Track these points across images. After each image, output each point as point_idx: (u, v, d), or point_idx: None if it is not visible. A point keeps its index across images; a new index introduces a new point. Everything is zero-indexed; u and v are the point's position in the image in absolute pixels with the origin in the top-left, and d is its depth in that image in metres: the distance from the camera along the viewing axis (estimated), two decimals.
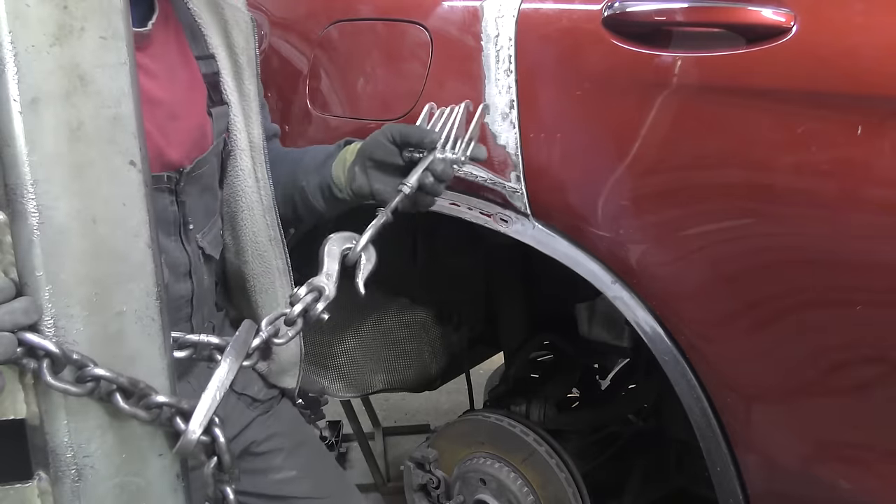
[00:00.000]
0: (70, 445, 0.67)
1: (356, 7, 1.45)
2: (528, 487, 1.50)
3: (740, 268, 1.03)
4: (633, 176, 1.10)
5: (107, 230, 0.65)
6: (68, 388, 0.64)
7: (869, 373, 1.00)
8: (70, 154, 0.63)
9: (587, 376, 1.94)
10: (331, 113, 1.45)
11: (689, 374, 1.11)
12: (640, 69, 1.06)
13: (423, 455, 1.62)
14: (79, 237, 0.64)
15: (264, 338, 0.80)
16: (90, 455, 0.67)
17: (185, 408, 0.70)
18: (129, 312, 0.67)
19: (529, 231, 1.21)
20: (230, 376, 0.73)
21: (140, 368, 0.68)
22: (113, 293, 0.66)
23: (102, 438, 0.68)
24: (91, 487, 0.68)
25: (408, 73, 1.33)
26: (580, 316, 1.59)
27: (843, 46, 0.92)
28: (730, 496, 1.12)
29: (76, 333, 0.65)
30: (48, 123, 0.62)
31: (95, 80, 0.63)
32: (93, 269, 0.65)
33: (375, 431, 2.78)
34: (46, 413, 0.66)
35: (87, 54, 0.63)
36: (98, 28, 0.63)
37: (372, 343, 1.85)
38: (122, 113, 0.65)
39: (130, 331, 0.67)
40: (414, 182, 1.01)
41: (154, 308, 0.69)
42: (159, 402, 0.68)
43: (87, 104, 0.63)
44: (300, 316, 0.84)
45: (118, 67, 0.65)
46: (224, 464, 0.73)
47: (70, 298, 0.64)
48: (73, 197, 0.63)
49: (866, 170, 0.91)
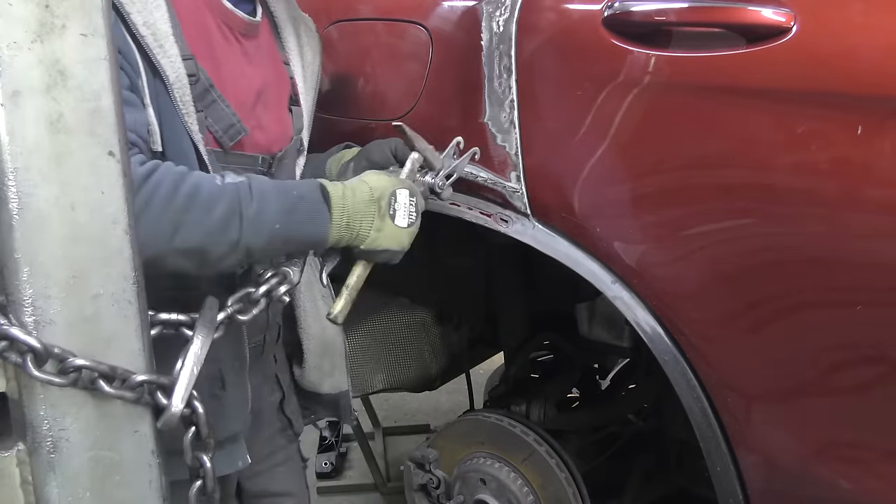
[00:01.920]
0: (46, 419, 0.70)
1: (356, 7, 1.45)
2: (528, 487, 1.50)
3: (740, 268, 1.03)
4: (633, 176, 1.10)
5: (85, 216, 0.68)
6: (52, 379, 0.68)
7: (869, 373, 1.00)
8: (50, 144, 0.66)
9: (587, 376, 1.94)
10: (331, 113, 1.46)
11: (689, 374, 1.11)
12: (640, 69, 1.06)
13: (423, 455, 1.62)
14: (58, 222, 0.67)
15: (229, 312, 0.89)
16: (66, 429, 0.71)
17: (165, 383, 0.75)
18: (106, 295, 0.70)
19: (529, 231, 1.21)
20: (204, 351, 0.79)
21: (117, 350, 0.72)
22: (90, 276, 0.69)
23: (78, 414, 0.71)
24: (66, 460, 0.71)
25: (408, 73, 1.33)
26: (580, 316, 1.59)
27: (842, 46, 0.92)
28: (730, 496, 1.12)
29: (53, 314, 0.68)
30: (29, 115, 0.65)
31: (76, 75, 0.67)
32: (71, 253, 0.68)
33: (375, 431, 2.79)
34: (24, 388, 0.69)
35: (68, 50, 0.66)
36: (79, 25, 0.66)
37: (372, 343, 1.85)
38: (101, 106, 0.68)
39: (107, 313, 0.71)
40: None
41: (131, 291, 0.72)
42: (140, 380, 0.72)
43: (67, 98, 0.66)
44: (264, 296, 0.93)
45: (98, 63, 0.68)
46: (202, 434, 0.78)
47: (48, 280, 0.67)
48: (52, 184, 0.67)
49: (866, 170, 0.91)
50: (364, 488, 2.59)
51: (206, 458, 0.79)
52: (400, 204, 1.02)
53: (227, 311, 0.89)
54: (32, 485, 0.71)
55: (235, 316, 0.90)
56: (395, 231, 1.01)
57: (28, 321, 0.67)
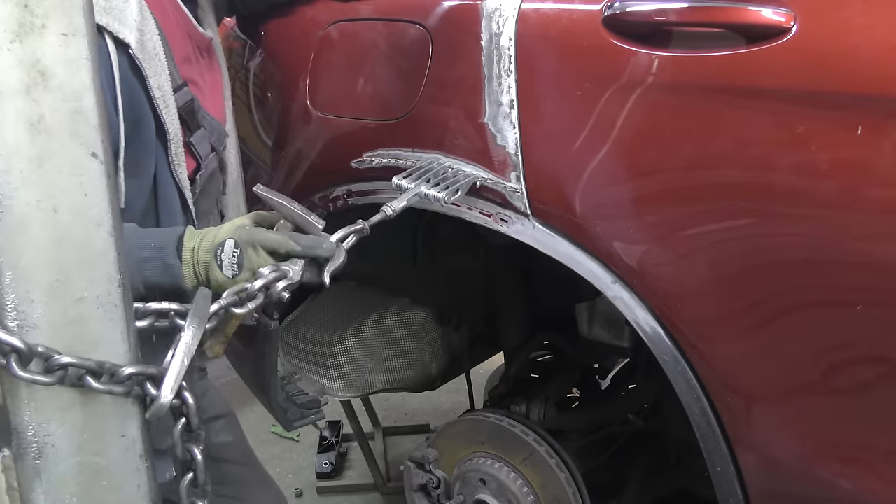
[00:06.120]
0: (31, 424, 0.69)
1: (356, 7, 1.45)
2: (528, 487, 1.50)
3: (741, 268, 1.03)
4: (633, 176, 1.10)
5: (68, 219, 0.67)
6: (37, 378, 0.67)
7: (869, 373, 1.00)
8: (31, 146, 0.65)
9: (587, 376, 1.95)
10: (331, 113, 1.46)
11: (689, 374, 1.11)
12: (640, 69, 1.06)
13: (423, 455, 1.62)
14: (40, 225, 0.66)
15: (223, 304, 0.87)
16: (51, 434, 0.70)
17: (155, 373, 0.73)
18: (91, 298, 0.69)
19: (529, 231, 1.21)
20: (195, 341, 0.77)
21: (103, 353, 0.71)
22: (74, 279, 0.68)
23: (63, 419, 0.70)
24: (52, 465, 0.70)
25: (407, 73, 1.33)
26: (580, 316, 1.59)
27: (843, 46, 0.92)
28: (730, 496, 1.12)
29: (37, 318, 0.67)
30: (8, 117, 0.64)
31: (56, 76, 0.65)
32: (55, 257, 0.67)
33: (375, 431, 2.79)
34: (9, 392, 0.68)
35: (48, 50, 0.65)
36: (59, 25, 0.65)
37: (372, 343, 1.86)
38: (83, 107, 0.67)
39: (92, 316, 0.70)
40: (398, 207, 1.11)
41: (116, 294, 0.71)
42: (129, 372, 0.71)
43: (47, 98, 0.65)
44: (260, 291, 0.92)
45: (79, 63, 0.67)
46: (192, 425, 0.76)
47: (30, 284, 0.66)
48: (34, 187, 0.65)
49: (866, 170, 0.91)
50: (364, 488, 2.59)
51: (197, 450, 0.78)
52: (226, 254, 1.00)
53: (220, 302, 0.87)
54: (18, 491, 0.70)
55: (230, 308, 0.89)
56: (224, 281, 1.00)
57: (11, 325, 0.66)
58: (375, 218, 1.09)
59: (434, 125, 1.28)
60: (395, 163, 1.33)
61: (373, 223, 1.07)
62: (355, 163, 1.40)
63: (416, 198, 1.15)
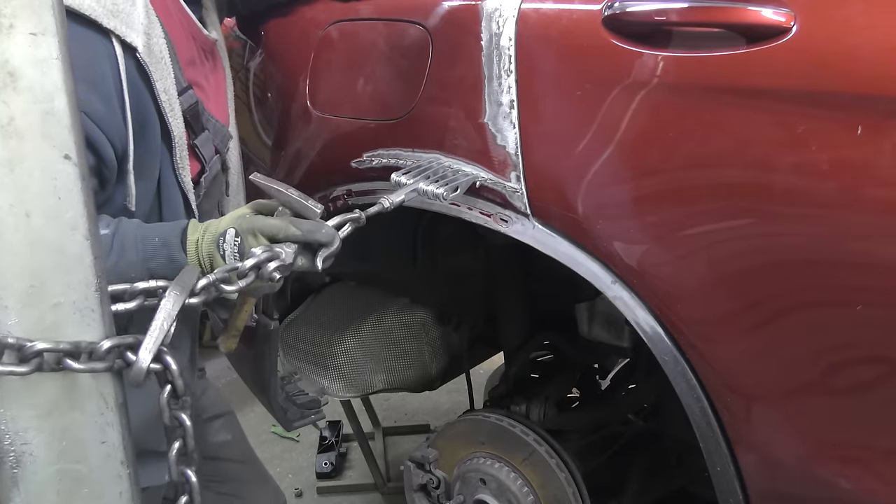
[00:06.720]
0: (7, 433, 0.68)
1: (356, 7, 1.45)
2: (528, 487, 1.50)
3: (740, 268, 1.03)
4: (633, 176, 1.10)
5: (42, 223, 0.66)
6: (13, 369, 0.65)
7: (869, 373, 1.00)
8: (1, 150, 0.63)
9: (587, 376, 1.95)
10: (331, 113, 1.46)
11: (689, 374, 1.11)
12: (640, 69, 1.06)
13: (423, 455, 1.62)
14: (12, 231, 0.65)
15: (211, 280, 0.84)
16: (28, 443, 0.68)
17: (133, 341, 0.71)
18: (67, 304, 0.68)
19: (529, 231, 1.21)
20: (176, 308, 0.75)
21: None
22: (50, 285, 0.67)
23: (41, 427, 0.69)
24: (30, 474, 0.69)
25: (407, 73, 1.33)
26: (580, 316, 1.59)
27: (843, 46, 0.92)
28: (730, 496, 1.12)
29: (11, 325, 0.65)
30: None
31: (26, 76, 0.64)
32: (28, 262, 0.65)
33: (375, 431, 2.79)
34: None
35: (17, 50, 0.63)
36: (28, 24, 0.64)
37: (372, 343, 1.86)
38: (55, 108, 0.66)
39: (69, 322, 0.68)
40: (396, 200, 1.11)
41: (94, 299, 0.69)
42: (108, 346, 0.69)
43: (17, 100, 0.64)
44: (252, 270, 0.90)
45: (50, 63, 0.65)
46: (178, 390, 0.74)
47: (4, 290, 0.65)
48: (5, 192, 0.64)
49: (866, 170, 0.91)
50: (364, 488, 2.59)
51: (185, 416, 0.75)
52: (227, 243, 1.01)
53: (209, 277, 0.85)
54: None
55: (220, 285, 0.87)
56: None
57: None
58: (372, 209, 1.08)
59: (434, 125, 1.28)
60: (395, 163, 1.33)
61: (370, 214, 1.06)
62: (355, 163, 1.40)
63: (415, 193, 1.15)
